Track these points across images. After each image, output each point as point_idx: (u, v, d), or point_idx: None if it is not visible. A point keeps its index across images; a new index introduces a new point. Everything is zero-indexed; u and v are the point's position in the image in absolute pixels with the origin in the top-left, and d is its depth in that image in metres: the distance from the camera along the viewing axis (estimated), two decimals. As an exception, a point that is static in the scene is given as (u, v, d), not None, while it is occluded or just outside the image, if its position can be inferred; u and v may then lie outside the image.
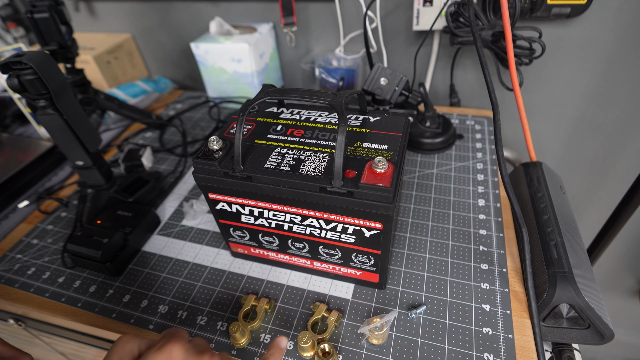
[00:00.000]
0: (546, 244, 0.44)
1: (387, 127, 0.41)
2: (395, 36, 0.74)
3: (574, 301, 0.38)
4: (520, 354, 0.37)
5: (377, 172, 0.33)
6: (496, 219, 0.51)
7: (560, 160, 0.81)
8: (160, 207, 0.59)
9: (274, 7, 0.78)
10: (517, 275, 0.45)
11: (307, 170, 0.35)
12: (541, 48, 0.58)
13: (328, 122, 0.42)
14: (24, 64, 0.40)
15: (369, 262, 0.41)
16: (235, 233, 0.45)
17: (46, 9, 0.57)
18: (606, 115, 0.72)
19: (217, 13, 0.83)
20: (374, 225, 0.36)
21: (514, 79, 0.53)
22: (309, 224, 0.39)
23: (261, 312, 0.42)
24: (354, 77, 0.76)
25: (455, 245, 0.49)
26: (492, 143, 0.65)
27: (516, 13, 0.53)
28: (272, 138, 0.40)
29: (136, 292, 0.46)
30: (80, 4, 0.93)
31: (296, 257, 0.45)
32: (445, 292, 0.43)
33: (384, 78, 0.59)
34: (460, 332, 0.40)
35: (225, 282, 0.47)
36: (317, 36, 0.80)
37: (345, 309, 0.43)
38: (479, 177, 0.58)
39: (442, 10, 0.62)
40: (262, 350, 0.40)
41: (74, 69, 0.66)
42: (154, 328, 0.43)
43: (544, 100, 0.74)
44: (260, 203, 0.39)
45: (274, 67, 0.84)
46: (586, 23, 0.63)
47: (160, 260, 0.50)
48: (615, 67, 0.66)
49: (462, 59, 0.73)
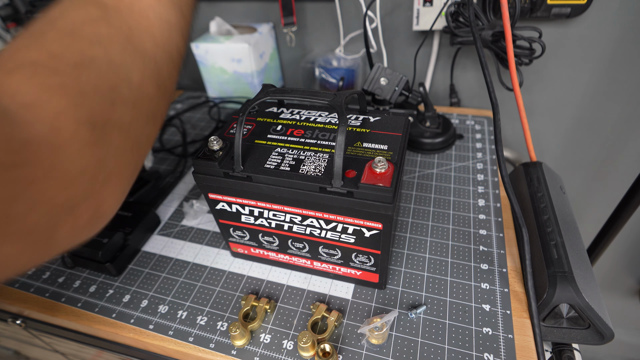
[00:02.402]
0: (546, 244, 0.44)
1: (387, 127, 0.41)
2: (395, 36, 0.74)
3: (574, 301, 0.38)
4: (520, 354, 0.37)
5: (377, 172, 0.33)
6: (496, 219, 0.51)
7: (560, 160, 0.81)
8: (160, 207, 0.59)
9: (274, 7, 0.78)
10: (517, 275, 0.45)
11: (307, 170, 0.35)
12: (541, 48, 0.58)
13: (328, 122, 0.42)
14: (24, 64, 0.40)
15: (369, 262, 0.41)
16: (235, 233, 0.45)
17: (46, 9, 0.57)
18: (606, 115, 0.72)
19: (217, 13, 0.83)
20: (374, 225, 0.36)
21: (514, 79, 0.53)
22: (309, 224, 0.39)
23: (261, 312, 0.42)
24: (354, 77, 0.76)
25: (455, 245, 0.49)
26: (492, 143, 0.65)
27: (516, 13, 0.53)
28: (272, 138, 0.40)
29: (136, 292, 0.46)
30: (80, 4, 0.93)
31: (296, 257, 0.45)
32: (445, 292, 0.43)
33: (384, 78, 0.59)
34: (460, 332, 0.40)
35: (225, 282, 0.47)
36: (317, 36, 0.80)
37: (345, 309, 0.43)
38: (479, 177, 0.58)
39: (442, 10, 0.62)
40: (262, 350, 0.40)
41: None
42: (154, 328, 0.43)
43: (544, 100, 0.74)
44: (260, 203, 0.39)
45: (274, 67, 0.84)
46: (586, 23, 0.63)
47: (160, 260, 0.50)
48: (615, 67, 0.66)
49: (462, 59, 0.73)
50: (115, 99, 0.25)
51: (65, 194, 0.21)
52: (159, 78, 0.29)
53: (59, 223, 0.21)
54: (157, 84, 0.29)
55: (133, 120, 0.27)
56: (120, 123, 0.25)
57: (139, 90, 0.27)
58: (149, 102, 0.28)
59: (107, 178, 0.25)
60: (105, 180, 0.24)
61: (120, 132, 0.25)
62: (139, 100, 0.27)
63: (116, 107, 0.25)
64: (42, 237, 0.21)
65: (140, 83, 0.27)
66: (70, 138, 0.21)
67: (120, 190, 0.27)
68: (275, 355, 0.39)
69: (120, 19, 0.27)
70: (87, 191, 0.23)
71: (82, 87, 0.23)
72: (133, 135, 0.27)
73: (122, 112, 0.25)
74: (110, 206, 0.26)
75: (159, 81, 0.29)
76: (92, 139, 0.23)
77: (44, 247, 0.21)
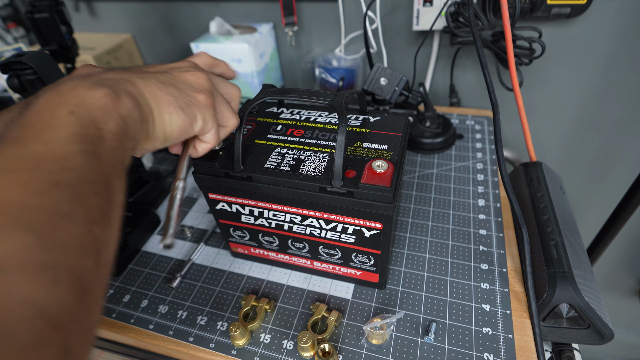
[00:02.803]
0: (546, 244, 0.44)
1: (387, 127, 0.41)
2: (395, 36, 0.74)
3: (574, 301, 0.38)
4: (520, 354, 0.37)
5: (377, 172, 0.33)
6: (496, 219, 0.51)
7: (560, 160, 0.81)
8: (160, 207, 0.59)
9: (274, 7, 0.78)
10: (517, 275, 0.45)
11: (307, 170, 0.35)
12: (541, 48, 0.58)
13: (328, 122, 0.42)
14: (24, 64, 0.40)
15: (369, 262, 0.41)
16: (235, 233, 0.45)
17: (46, 9, 0.57)
18: (606, 115, 0.72)
19: (217, 13, 0.83)
20: (374, 225, 0.36)
21: (514, 79, 0.53)
22: (309, 224, 0.39)
23: (261, 312, 0.42)
24: (354, 77, 0.76)
25: (455, 245, 0.49)
26: (492, 143, 0.65)
27: (516, 13, 0.53)
28: (272, 138, 0.40)
29: (136, 292, 0.46)
30: (80, 4, 0.93)
31: (296, 257, 0.45)
32: (445, 292, 0.43)
33: (384, 78, 0.59)
34: (460, 332, 0.40)
35: (225, 282, 0.47)
36: (317, 36, 0.80)
37: (345, 309, 0.43)
38: (479, 177, 0.58)
39: (442, 10, 0.62)
40: (262, 350, 0.40)
41: (74, 69, 0.66)
42: (154, 328, 0.43)
43: (544, 100, 0.74)
44: (260, 203, 0.39)
45: (274, 67, 0.84)
46: (586, 23, 0.63)
47: (160, 260, 0.50)
48: (616, 67, 0.66)
49: (462, 59, 0.73)
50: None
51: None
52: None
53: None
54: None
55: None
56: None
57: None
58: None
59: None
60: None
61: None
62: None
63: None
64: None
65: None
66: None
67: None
68: (275, 355, 0.39)
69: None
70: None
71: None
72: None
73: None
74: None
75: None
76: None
77: None
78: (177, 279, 0.46)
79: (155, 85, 0.27)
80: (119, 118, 0.23)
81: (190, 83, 0.30)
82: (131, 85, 0.25)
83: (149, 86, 0.26)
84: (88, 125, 0.21)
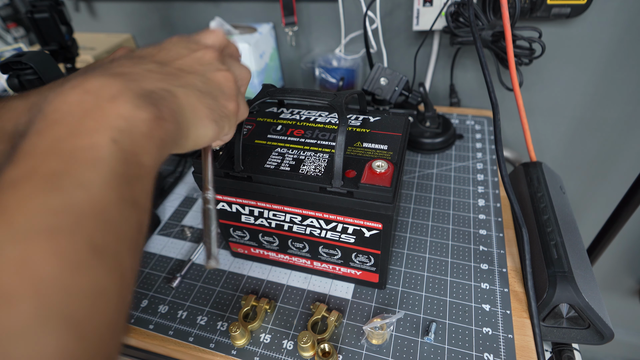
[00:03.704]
0: (546, 244, 0.44)
1: (387, 127, 0.41)
2: (395, 36, 0.74)
3: (574, 301, 0.38)
4: (520, 354, 0.37)
5: (377, 172, 0.33)
6: (496, 219, 0.51)
7: (560, 160, 0.81)
8: (160, 207, 0.59)
9: (275, 7, 0.78)
10: (517, 275, 0.45)
11: (307, 170, 0.35)
12: (541, 48, 0.58)
13: (328, 122, 0.42)
14: (24, 64, 0.40)
15: (369, 262, 0.41)
16: (235, 233, 0.45)
17: (46, 9, 0.57)
18: (606, 115, 0.72)
19: (217, 13, 0.83)
20: (374, 225, 0.36)
21: (514, 79, 0.53)
22: (309, 224, 0.39)
23: (261, 312, 0.42)
24: (354, 77, 0.76)
25: (455, 245, 0.49)
26: (492, 143, 0.65)
27: (516, 13, 0.53)
28: (272, 138, 0.40)
29: (136, 292, 0.46)
30: (80, 4, 0.93)
31: (296, 257, 0.45)
32: (445, 292, 0.43)
33: (384, 78, 0.59)
34: (460, 332, 0.40)
35: (225, 282, 0.47)
36: (317, 36, 0.80)
37: (345, 309, 0.43)
38: (479, 177, 0.58)
39: (442, 10, 0.62)
40: (262, 350, 0.40)
41: (74, 69, 0.66)
42: (154, 328, 0.43)
43: (544, 100, 0.74)
44: (260, 203, 0.39)
45: (274, 67, 0.84)
46: (586, 23, 0.63)
47: (160, 260, 0.50)
48: (615, 67, 0.66)
49: (462, 59, 0.73)
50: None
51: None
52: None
53: None
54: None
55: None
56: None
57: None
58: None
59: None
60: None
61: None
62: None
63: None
64: None
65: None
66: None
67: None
68: (275, 355, 0.39)
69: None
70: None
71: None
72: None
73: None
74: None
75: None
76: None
77: None
78: (177, 279, 0.46)
79: (195, 97, 0.24)
80: (160, 143, 0.20)
81: (222, 88, 0.27)
82: (174, 99, 0.22)
83: (190, 97, 0.24)
84: (129, 160, 0.18)
